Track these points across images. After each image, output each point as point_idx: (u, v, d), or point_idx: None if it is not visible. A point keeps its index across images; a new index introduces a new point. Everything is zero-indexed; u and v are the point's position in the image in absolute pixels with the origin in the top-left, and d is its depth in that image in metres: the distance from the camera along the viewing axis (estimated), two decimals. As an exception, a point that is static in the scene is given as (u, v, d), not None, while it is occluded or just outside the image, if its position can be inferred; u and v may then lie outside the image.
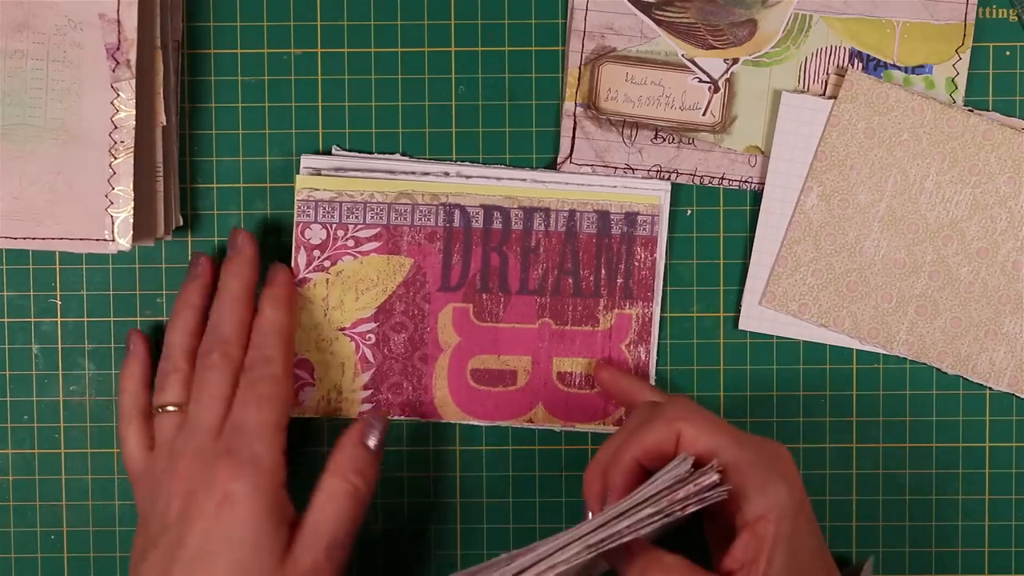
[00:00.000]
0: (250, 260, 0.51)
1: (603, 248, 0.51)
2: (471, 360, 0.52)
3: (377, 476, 0.48)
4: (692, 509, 0.41)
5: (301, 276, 0.51)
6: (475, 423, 0.53)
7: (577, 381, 0.52)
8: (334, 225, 0.51)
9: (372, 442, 0.48)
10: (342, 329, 0.51)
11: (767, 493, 0.41)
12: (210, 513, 0.45)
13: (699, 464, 0.42)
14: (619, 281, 0.51)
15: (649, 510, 0.40)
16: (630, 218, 0.51)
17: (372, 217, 0.50)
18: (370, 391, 0.52)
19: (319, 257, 0.51)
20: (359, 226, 0.50)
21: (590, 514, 0.44)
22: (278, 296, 0.50)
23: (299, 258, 0.51)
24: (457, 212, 0.50)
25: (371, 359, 0.51)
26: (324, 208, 0.50)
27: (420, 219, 0.51)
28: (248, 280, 0.50)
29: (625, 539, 0.40)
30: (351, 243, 0.50)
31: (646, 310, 0.51)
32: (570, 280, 0.51)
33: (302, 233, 0.51)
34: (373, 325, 0.51)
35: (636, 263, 0.51)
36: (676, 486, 0.41)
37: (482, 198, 0.51)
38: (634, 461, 0.43)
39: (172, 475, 0.47)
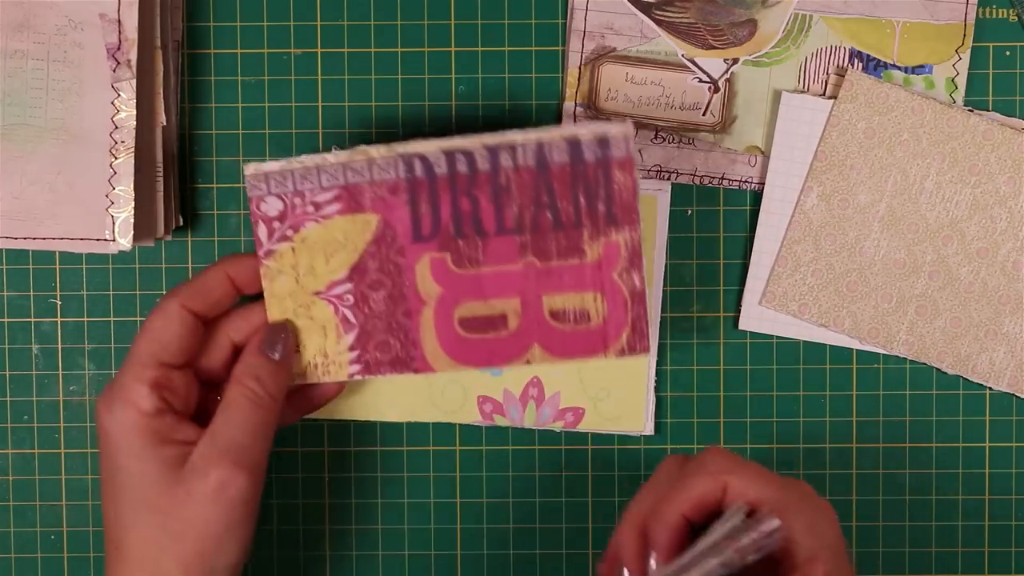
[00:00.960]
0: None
1: (579, 176, 0.48)
2: (457, 309, 0.49)
3: (281, 386, 0.46)
4: (752, 558, 0.41)
5: (265, 248, 0.49)
6: (471, 370, 0.52)
7: (572, 317, 0.49)
8: (289, 194, 0.49)
9: (272, 352, 0.46)
10: (317, 293, 0.49)
11: (816, 534, 0.41)
12: (99, 450, 0.45)
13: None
14: (600, 208, 0.48)
15: (714, 560, 0.40)
16: (602, 142, 0.48)
17: (327, 180, 0.48)
18: (356, 351, 0.50)
19: (280, 227, 0.49)
20: (315, 190, 0.49)
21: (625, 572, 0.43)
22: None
23: (259, 232, 0.48)
24: (417, 161, 0.48)
25: (352, 320, 0.49)
26: (275, 179, 0.49)
27: (379, 174, 0.48)
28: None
29: None
30: (311, 209, 0.49)
31: (633, 234, 0.48)
32: (548, 214, 0.48)
33: (257, 207, 0.48)
34: (348, 286, 0.49)
35: (615, 187, 0.48)
36: (736, 535, 0.41)
37: (441, 144, 0.48)
38: (681, 517, 0.42)
39: None
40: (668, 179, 0.54)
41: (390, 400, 0.54)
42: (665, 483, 0.43)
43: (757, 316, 0.54)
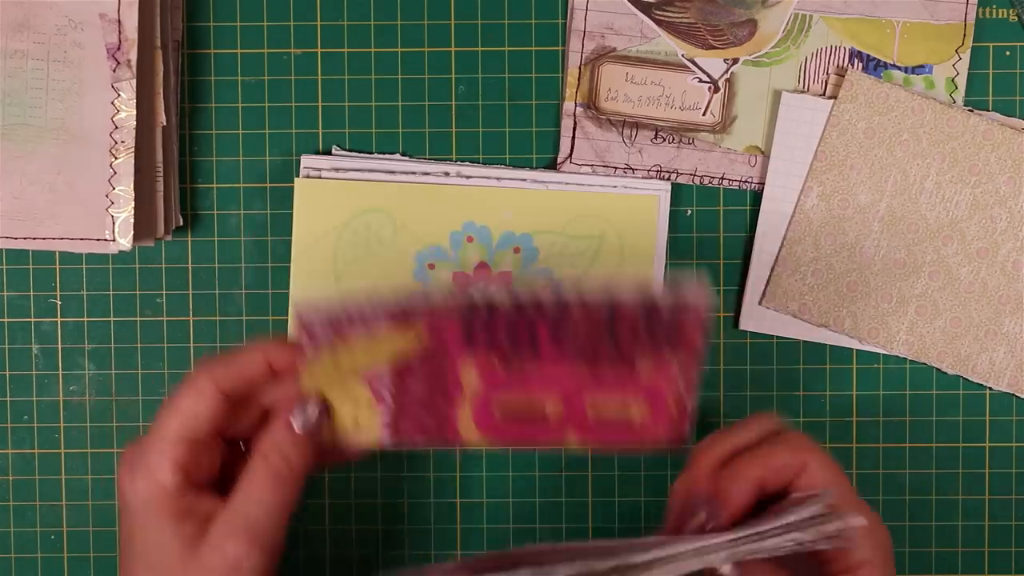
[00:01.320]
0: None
1: (648, 319, 0.47)
2: (497, 397, 0.50)
3: (307, 461, 0.45)
4: (821, 546, 0.41)
5: (307, 346, 0.48)
6: (504, 450, 0.52)
7: (614, 415, 0.48)
8: (338, 320, 0.48)
9: (299, 424, 0.45)
10: (355, 376, 0.48)
11: (874, 538, 0.42)
12: (119, 513, 0.45)
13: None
14: (663, 343, 0.47)
15: (795, 535, 0.41)
16: (676, 295, 0.48)
17: (379, 308, 0.48)
18: (388, 422, 0.50)
19: (325, 336, 0.48)
20: (366, 316, 0.48)
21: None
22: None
23: (302, 337, 0.47)
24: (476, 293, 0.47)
25: (388, 399, 0.49)
26: (323, 322, 0.48)
27: (436, 302, 0.49)
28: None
29: (761, 555, 0.41)
30: (359, 327, 0.48)
31: (692, 367, 0.48)
32: (608, 346, 0.48)
33: (303, 327, 0.47)
34: (388, 377, 0.48)
35: (683, 331, 0.47)
36: (818, 520, 0.41)
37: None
38: (757, 480, 0.43)
39: None
40: (668, 179, 0.54)
41: None
42: (752, 438, 0.45)
43: (757, 316, 0.54)
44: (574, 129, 0.54)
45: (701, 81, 0.54)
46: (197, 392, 0.44)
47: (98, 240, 0.51)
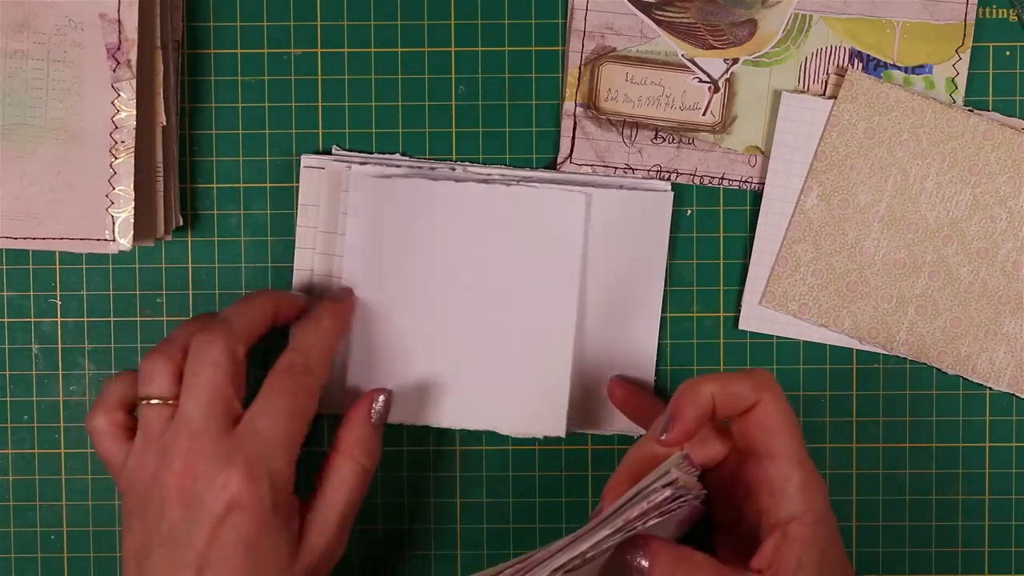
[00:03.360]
0: (347, 315, 0.51)
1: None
2: None
3: (381, 449, 0.49)
4: (653, 522, 0.41)
5: None
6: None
7: None
8: None
9: (377, 419, 0.48)
10: None
11: (807, 496, 0.42)
12: (218, 516, 0.44)
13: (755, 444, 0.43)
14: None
15: (643, 503, 0.41)
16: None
17: None
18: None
19: None
20: None
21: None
22: (342, 313, 0.51)
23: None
24: None
25: None
26: None
27: None
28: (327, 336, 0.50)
29: (630, 525, 0.41)
30: None
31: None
32: None
33: None
34: None
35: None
36: (660, 483, 0.41)
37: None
38: (709, 395, 0.43)
39: (168, 470, 0.45)
40: (668, 179, 0.54)
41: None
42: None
43: (757, 316, 0.54)
44: (574, 129, 0.54)
45: (701, 81, 0.54)
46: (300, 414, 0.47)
47: (98, 240, 0.51)
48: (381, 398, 0.48)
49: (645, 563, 0.42)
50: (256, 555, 0.44)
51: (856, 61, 0.53)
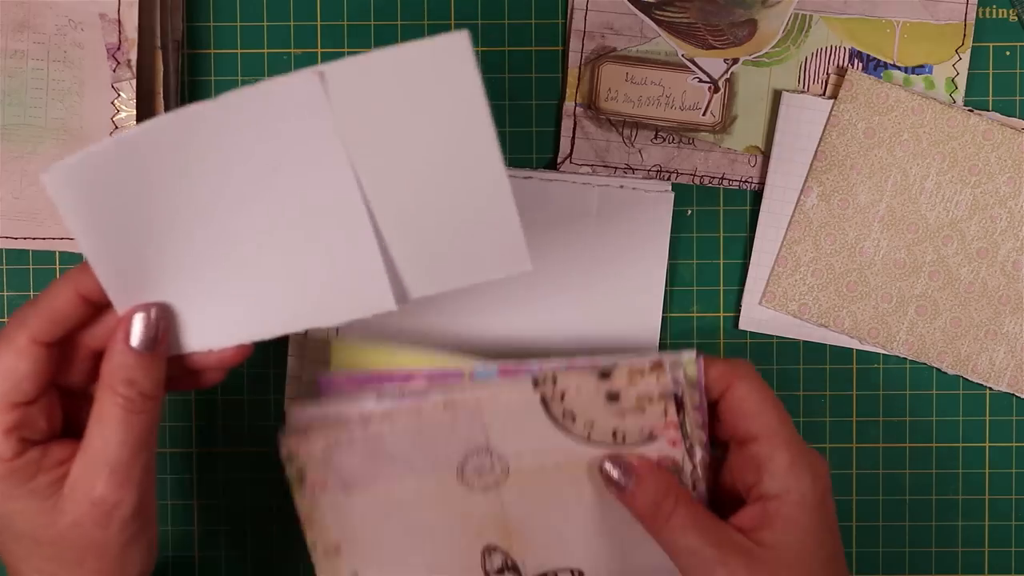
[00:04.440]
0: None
1: None
2: None
3: (159, 380, 0.41)
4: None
5: None
6: None
7: None
8: None
9: (142, 345, 0.40)
10: None
11: (791, 476, 0.42)
12: None
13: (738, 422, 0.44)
14: None
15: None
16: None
17: None
18: None
19: None
20: None
21: None
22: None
23: None
24: None
25: None
26: None
27: None
28: None
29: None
30: None
31: None
32: None
33: None
34: None
35: None
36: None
37: None
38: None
39: None
40: (668, 179, 0.54)
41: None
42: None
43: (757, 316, 0.54)
44: (574, 129, 0.54)
45: (701, 81, 0.54)
46: (14, 352, 0.39)
47: (98, 240, 0.51)
48: (139, 315, 0.40)
49: (626, 481, 0.44)
50: (2, 516, 0.40)
51: (856, 61, 0.53)
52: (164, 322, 0.41)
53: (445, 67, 0.37)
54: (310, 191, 0.40)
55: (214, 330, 0.42)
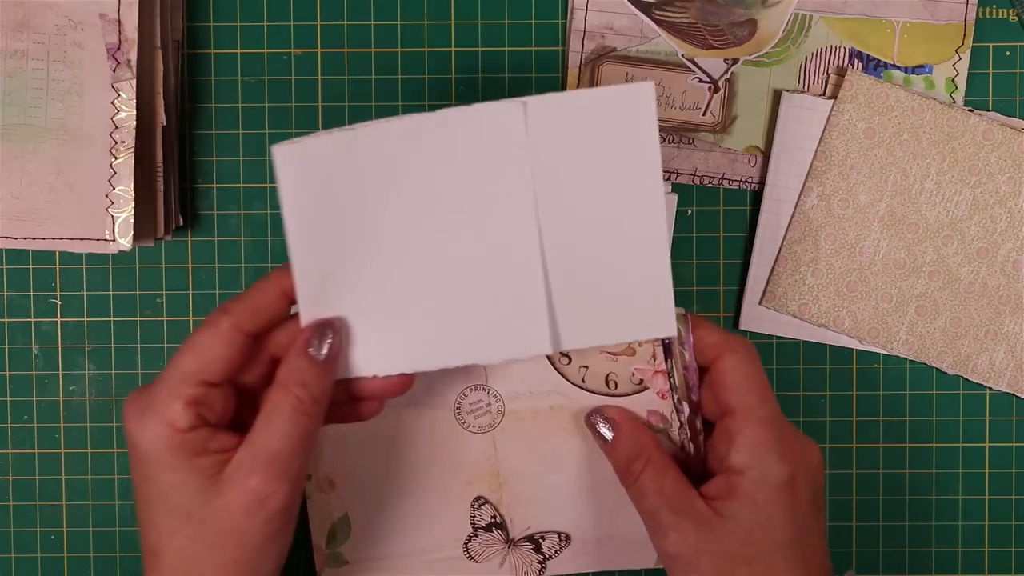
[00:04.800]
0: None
1: None
2: None
3: (327, 389, 0.43)
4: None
5: None
6: None
7: None
8: None
9: (317, 351, 0.43)
10: None
11: (755, 454, 0.43)
12: (129, 458, 0.43)
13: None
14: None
15: None
16: None
17: None
18: None
19: None
20: None
21: None
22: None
23: None
24: None
25: None
26: None
27: None
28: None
29: None
30: None
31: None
32: None
33: None
34: None
35: None
36: None
37: None
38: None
39: None
40: (668, 179, 0.54)
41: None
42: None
43: (757, 316, 0.54)
44: (574, 129, 0.54)
45: (701, 81, 0.54)
46: (215, 334, 0.42)
47: (98, 240, 0.51)
48: (321, 327, 0.43)
49: (609, 435, 0.46)
50: (150, 488, 0.42)
51: (856, 61, 0.53)
52: (339, 337, 0.43)
53: (628, 113, 0.39)
54: (490, 223, 0.41)
55: (378, 356, 0.44)
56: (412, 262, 0.42)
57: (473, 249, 0.42)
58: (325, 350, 0.43)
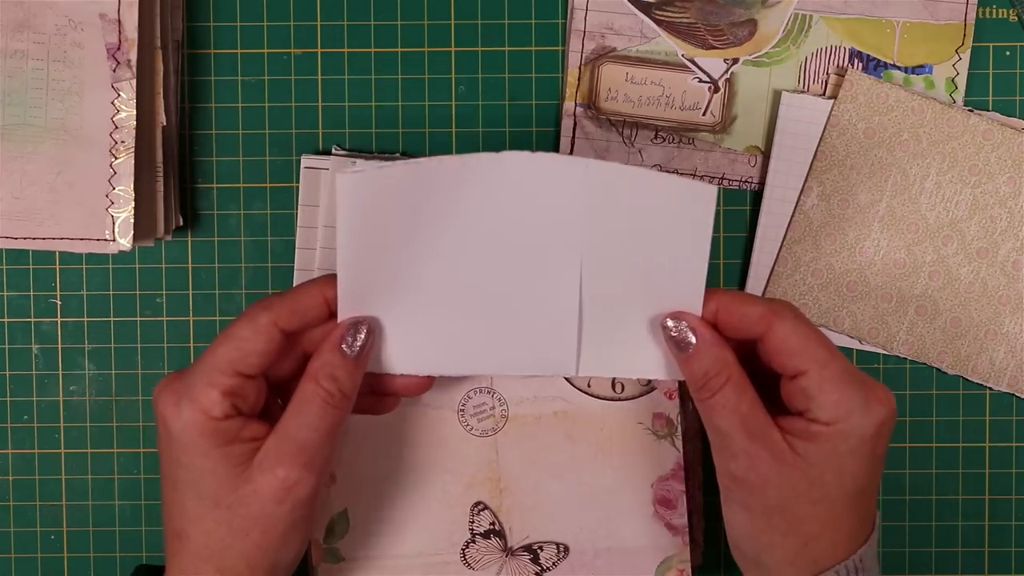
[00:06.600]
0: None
1: None
2: None
3: (356, 384, 0.44)
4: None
5: None
6: None
7: None
8: None
9: (349, 348, 0.44)
10: None
11: (839, 409, 0.42)
12: (160, 442, 0.44)
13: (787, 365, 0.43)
14: None
15: None
16: None
17: None
18: None
19: None
20: None
21: None
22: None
23: None
24: None
25: None
26: None
27: None
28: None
29: None
30: None
31: None
32: None
33: None
34: None
35: None
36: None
37: None
38: (713, 307, 0.44)
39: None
40: (668, 179, 0.54)
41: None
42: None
43: (757, 316, 0.54)
44: (574, 129, 0.54)
45: (701, 81, 0.54)
46: (254, 325, 0.43)
47: (98, 240, 0.51)
48: (354, 325, 0.44)
49: (693, 340, 0.44)
50: (190, 473, 0.43)
51: (856, 61, 0.53)
52: (372, 337, 0.45)
53: (686, 205, 0.42)
54: (538, 252, 0.44)
55: (409, 357, 0.46)
56: (454, 277, 0.44)
57: (514, 273, 0.44)
58: (357, 347, 0.44)
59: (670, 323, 0.44)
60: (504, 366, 0.45)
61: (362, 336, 0.44)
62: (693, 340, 0.44)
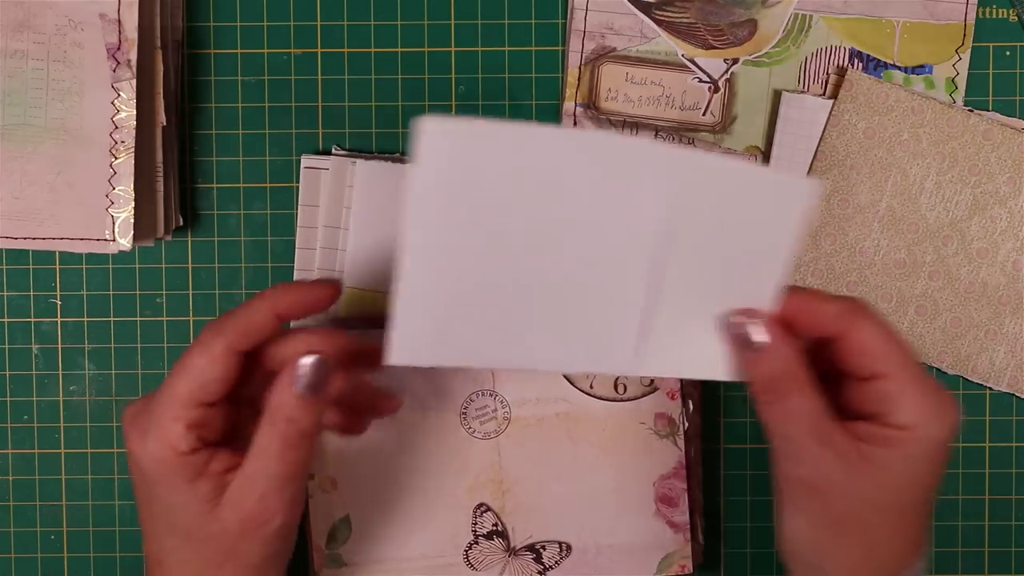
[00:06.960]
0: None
1: None
2: None
3: (317, 420, 0.43)
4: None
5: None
6: None
7: None
8: None
9: (304, 386, 0.43)
10: None
11: (919, 413, 0.40)
12: (131, 472, 0.44)
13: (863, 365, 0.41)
14: None
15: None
16: None
17: None
18: None
19: None
20: None
21: None
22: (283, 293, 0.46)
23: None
24: None
25: None
26: None
27: None
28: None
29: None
30: None
31: None
32: None
33: None
34: None
35: None
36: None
37: None
38: (787, 306, 0.41)
39: None
40: (668, 179, 0.54)
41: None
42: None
43: (757, 316, 0.54)
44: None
45: (701, 81, 0.54)
46: (207, 352, 0.42)
47: (98, 240, 0.51)
48: (306, 361, 0.43)
49: (765, 341, 0.41)
50: (153, 504, 0.43)
51: (856, 61, 0.53)
52: (325, 370, 0.43)
53: (786, 200, 0.40)
54: (609, 243, 0.41)
55: (464, 349, 0.43)
56: (520, 263, 0.42)
57: (584, 267, 0.42)
58: (310, 384, 0.43)
59: (739, 320, 0.42)
60: (559, 362, 0.43)
61: (316, 370, 0.43)
62: (764, 340, 0.41)
